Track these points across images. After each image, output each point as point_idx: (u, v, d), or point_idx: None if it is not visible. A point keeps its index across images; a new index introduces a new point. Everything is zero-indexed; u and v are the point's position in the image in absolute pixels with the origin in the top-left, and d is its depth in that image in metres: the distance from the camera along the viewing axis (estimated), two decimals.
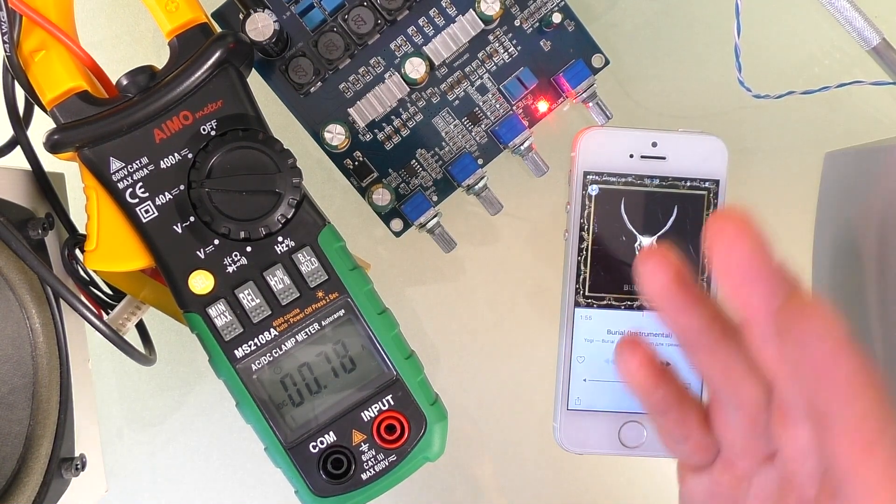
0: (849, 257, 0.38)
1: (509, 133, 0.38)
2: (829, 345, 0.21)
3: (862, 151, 0.38)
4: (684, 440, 0.29)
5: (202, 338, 0.32)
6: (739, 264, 0.23)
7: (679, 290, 0.26)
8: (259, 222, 0.32)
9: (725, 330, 0.26)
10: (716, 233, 0.24)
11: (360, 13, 0.37)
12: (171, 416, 0.44)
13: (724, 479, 0.29)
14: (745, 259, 0.23)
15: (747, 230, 0.23)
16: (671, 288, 0.26)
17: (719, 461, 0.29)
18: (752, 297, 0.23)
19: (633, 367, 0.28)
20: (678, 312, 0.26)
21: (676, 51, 0.42)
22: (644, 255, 0.26)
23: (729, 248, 0.23)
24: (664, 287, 0.26)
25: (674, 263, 0.26)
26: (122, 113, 0.31)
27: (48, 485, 0.33)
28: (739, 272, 0.23)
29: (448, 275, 0.43)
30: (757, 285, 0.23)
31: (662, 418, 0.29)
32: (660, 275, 0.26)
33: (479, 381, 0.44)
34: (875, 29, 0.38)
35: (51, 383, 0.34)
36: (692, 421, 0.29)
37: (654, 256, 0.26)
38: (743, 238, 0.23)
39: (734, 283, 0.24)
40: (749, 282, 0.23)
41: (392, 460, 0.33)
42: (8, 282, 0.33)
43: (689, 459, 0.30)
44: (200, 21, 0.32)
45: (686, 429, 0.29)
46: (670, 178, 0.37)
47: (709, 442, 0.29)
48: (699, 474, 0.30)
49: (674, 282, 0.26)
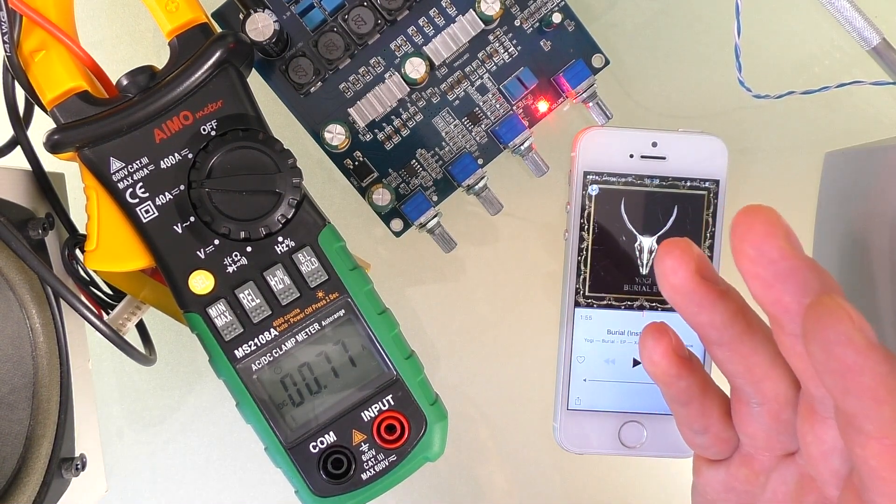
0: (849, 257, 0.38)
1: (509, 133, 0.39)
2: (855, 349, 0.21)
3: (862, 151, 0.38)
4: (704, 432, 0.29)
5: (202, 338, 0.32)
6: (771, 261, 0.23)
7: (700, 285, 0.25)
8: (259, 222, 0.32)
9: (749, 325, 0.26)
10: (745, 229, 0.23)
11: (360, 13, 0.37)
12: (171, 416, 0.44)
13: (742, 473, 0.28)
14: (777, 255, 0.22)
15: (778, 226, 0.23)
16: (692, 284, 0.25)
17: (737, 455, 0.29)
18: (783, 293, 0.23)
19: (658, 356, 0.28)
20: (700, 308, 0.25)
21: (676, 51, 0.42)
22: (663, 251, 0.25)
23: (759, 243, 0.23)
24: (685, 284, 0.25)
25: (695, 258, 0.25)
26: (122, 113, 0.31)
27: (48, 485, 0.33)
28: (771, 269, 0.23)
29: (448, 275, 0.43)
30: (788, 282, 0.22)
31: (684, 409, 0.29)
32: (681, 271, 0.25)
33: (479, 381, 0.44)
34: (875, 29, 0.38)
35: (51, 383, 0.34)
36: (713, 413, 0.28)
37: (674, 252, 0.25)
38: (774, 234, 0.23)
39: (765, 280, 0.23)
40: (781, 279, 0.23)
41: (392, 460, 0.33)
42: (8, 282, 0.33)
43: (707, 452, 0.30)
44: (200, 21, 0.32)
45: (707, 420, 0.28)
46: (670, 178, 0.37)
47: (728, 435, 0.28)
48: (716, 467, 0.29)
49: (695, 277, 0.25)
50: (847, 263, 0.38)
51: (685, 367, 0.28)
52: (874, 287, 0.35)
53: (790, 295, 0.23)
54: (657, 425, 0.37)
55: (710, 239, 0.37)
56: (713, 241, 0.37)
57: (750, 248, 0.23)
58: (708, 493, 0.30)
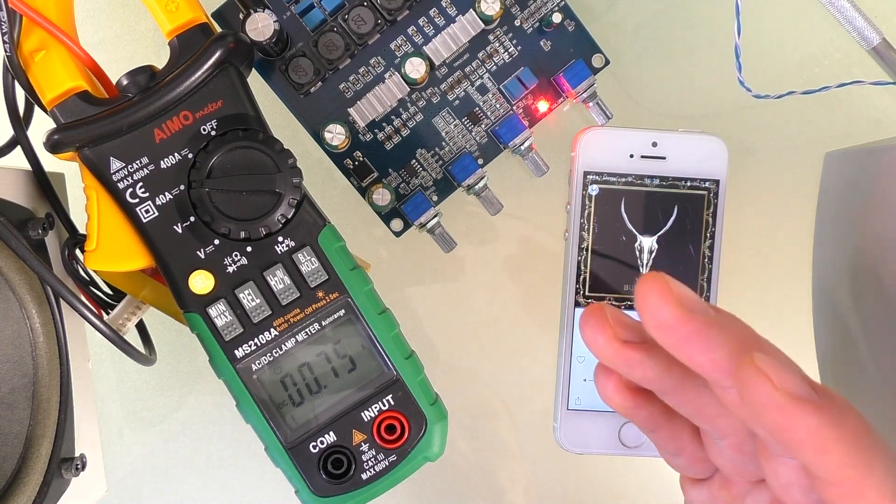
0: (849, 257, 0.38)
1: (509, 133, 0.39)
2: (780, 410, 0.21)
3: (862, 151, 0.38)
4: (678, 454, 0.29)
5: (202, 338, 0.32)
6: (670, 328, 0.23)
7: (622, 349, 0.26)
8: (259, 222, 0.32)
9: (686, 371, 0.26)
10: (641, 301, 0.24)
11: (360, 13, 0.37)
12: (171, 416, 0.44)
13: (722, 495, 0.29)
14: (673, 322, 0.23)
15: (668, 293, 0.23)
16: (613, 349, 0.26)
17: (718, 477, 0.29)
18: (693, 354, 0.23)
19: (610, 391, 0.28)
20: (630, 368, 0.26)
21: (677, 51, 0.42)
22: (581, 321, 0.26)
23: (655, 314, 0.23)
24: (605, 350, 0.26)
25: (609, 324, 0.26)
26: (122, 113, 0.31)
27: (48, 485, 0.33)
28: (673, 336, 0.23)
29: (448, 275, 0.43)
30: (694, 344, 0.23)
31: (653, 434, 0.29)
32: (599, 338, 0.26)
33: (479, 381, 0.44)
34: (875, 29, 0.38)
35: (51, 383, 0.34)
36: (683, 436, 0.29)
37: (589, 321, 0.26)
38: (666, 302, 0.23)
39: (673, 345, 0.24)
40: (686, 342, 0.23)
41: (392, 460, 0.33)
42: (8, 282, 0.33)
43: (687, 472, 0.30)
44: (200, 21, 0.32)
45: (678, 443, 0.29)
46: (670, 178, 0.37)
47: (704, 455, 0.29)
48: (699, 487, 0.30)
49: (613, 343, 0.26)
50: (847, 264, 0.38)
51: (641, 398, 0.28)
52: (874, 287, 0.35)
53: (700, 356, 0.23)
54: None
55: (710, 239, 0.37)
56: (713, 242, 0.37)
57: (649, 320, 0.24)
58: None
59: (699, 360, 0.23)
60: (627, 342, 0.26)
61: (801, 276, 0.42)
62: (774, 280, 0.44)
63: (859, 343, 0.37)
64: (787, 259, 0.43)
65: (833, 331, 0.40)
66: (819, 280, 0.41)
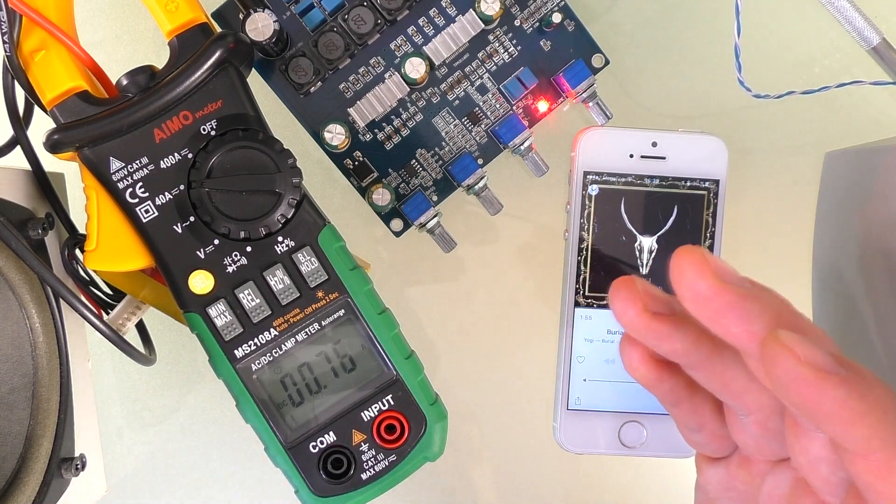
0: (850, 257, 0.38)
1: (509, 133, 0.39)
2: (806, 384, 0.21)
3: (862, 151, 0.38)
4: (699, 429, 0.29)
5: (202, 338, 0.32)
6: (707, 299, 0.23)
7: (652, 321, 0.26)
8: (259, 222, 0.32)
9: (715, 344, 0.26)
10: (678, 274, 0.24)
11: (360, 13, 0.37)
12: (171, 416, 0.44)
13: (741, 474, 0.28)
14: (711, 293, 0.23)
15: (705, 265, 0.23)
16: (643, 321, 0.26)
17: (737, 455, 0.29)
18: (730, 327, 0.23)
19: (635, 362, 0.28)
20: (659, 341, 0.26)
21: (677, 51, 0.42)
22: (611, 293, 0.26)
23: (692, 286, 0.23)
24: (635, 322, 0.26)
25: (640, 295, 0.26)
26: (122, 113, 0.31)
27: (48, 485, 0.33)
28: (710, 307, 0.23)
29: (448, 275, 0.43)
30: (730, 316, 0.23)
31: (675, 409, 0.29)
32: (629, 311, 0.26)
33: (479, 381, 0.44)
34: (875, 29, 0.38)
35: (51, 383, 0.34)
36: (705, 411, 0.28)
37: (620, 293, 0.26)
38: (703, 274, 0.23)
39: (709, 317, 0.24)
40: (723, 315, 0.23)
41: (392, 460, 0.33)
42: (8, 282, 0.33)
43: (705, 449, 0.30)
44: (200, 21, 0.32)
45: (700, 418, 0.29)
46: (670, 178, 0.37)
47: (725, 432, 0.29)
48: (716, 465, 0.29)
49: (643, 315, 0.26)
50: (847, 263, 0.38)
51: (666, 370, 0.28)
52: (875, 287, 0.35)
53: (737, 327, 0.23)
54: (657, 425, 0.37)
55: (710, 239, 0.37)
56: (713, 241, 0.37)
57: (686, 292, 0.24)
58: (709, 491, 0.30)
59: (736, 331, 0.23)
60: (657, 314, 0.26)
61: (801, 276, 0.42)
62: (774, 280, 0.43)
63: (858, 342, 0.37)
64: (787, 259, 0.43)
65: (832, 331, 0.40)
66: (819, 280, 0.41)
